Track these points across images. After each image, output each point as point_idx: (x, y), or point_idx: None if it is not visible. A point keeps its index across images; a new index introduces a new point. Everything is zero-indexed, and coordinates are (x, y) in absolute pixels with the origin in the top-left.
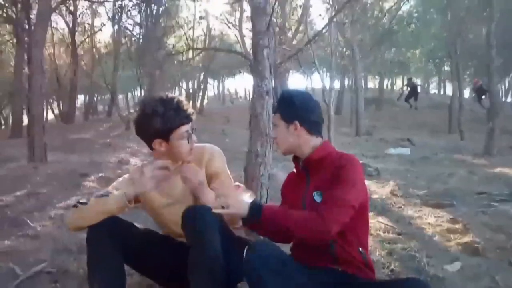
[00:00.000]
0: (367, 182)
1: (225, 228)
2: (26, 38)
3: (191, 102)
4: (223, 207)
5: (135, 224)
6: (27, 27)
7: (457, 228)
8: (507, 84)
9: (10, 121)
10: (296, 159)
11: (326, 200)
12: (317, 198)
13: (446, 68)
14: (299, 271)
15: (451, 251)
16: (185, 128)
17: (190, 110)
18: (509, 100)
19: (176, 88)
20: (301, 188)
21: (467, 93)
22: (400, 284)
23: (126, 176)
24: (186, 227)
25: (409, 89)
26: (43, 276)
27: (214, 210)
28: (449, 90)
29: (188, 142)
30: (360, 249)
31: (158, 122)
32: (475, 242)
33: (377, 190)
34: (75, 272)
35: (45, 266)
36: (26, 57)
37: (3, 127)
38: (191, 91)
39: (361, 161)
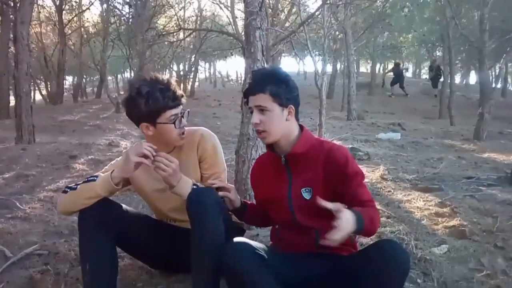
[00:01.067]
0: None
1: (226, 212)
2: (11, 16)
3: (182, 84)
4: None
5: (127, 207)
6: (12, 4)
7: (445, 211)
8: (497, 70)
9: None
10: (271, 148)
11: (358, 194)
12: (306, 195)
13: (439, 53)
14: (280, 260)
15: (439, 234)
16: (173, 111)
17: (179, 93)
18: (499, 86)
19: (167, 70)
20: (282, 183)
21: (458, 78)
22: (374, 246)
23: (118, 158)
24: (190, 210)
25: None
26: (34, 258)
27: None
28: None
29: (175, 127)
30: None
31: (143, 104)
32: (462, 225)
33: (367, 174)
34: (66, 254)
35: (36, 248)
36: (11, 35)
37: None
38: (182, 73)
39: (351, 145)
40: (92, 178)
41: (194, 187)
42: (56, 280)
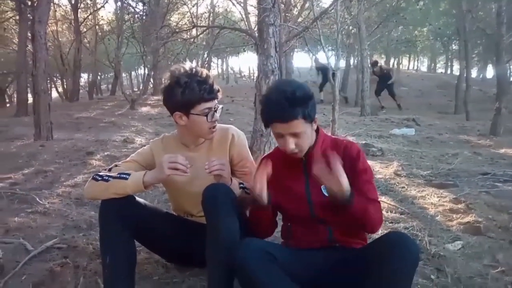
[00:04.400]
0: (371, 162)
1: (240, 208)
2: (29, 15)
3: None
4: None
5: (145, 202)
6: (30, 3)
7: (459, 208)
8: None
9: (15, 99)
10: None
11: (363, 192)
12: (326, 192)
13: (454, 47)
14: (292, 257)
15: (453, 230)
16: (207, 104)
17: (216, 87)
18: None
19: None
20: (298, 179)
21: (474, 72)
22: (383, 238)
23: (145, 148)
24: (205, 206)
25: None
26: (54, 251)
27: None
28: (456, 70)
29: (207, 120)
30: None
31: (179, 94)
32: (477, 221)
33: (380, 170)
34: (85, 248)
35: (56, 242)
36: (29, 34)
37: (7, 105)
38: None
39: (365, 141)
40: (124, 175)
41: (241, 185)
42: (75, 273)
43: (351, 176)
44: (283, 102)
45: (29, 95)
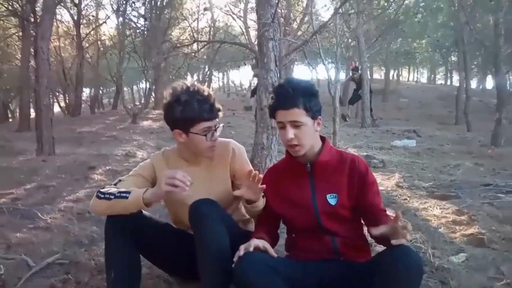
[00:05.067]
0: None
1: (231, 221)
2: (32, 31)
3: None
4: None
5: (150, 215)
6: (32, 19)
7: (462, 219)
8: None
9: (17, 114)
10: (291, 156)
11: (376, 204)
12: (332, 201)
13: (453, 58)
14: (297, 268)
15: (457, 242)
16: (206, 124)
17: (217, 107)
18: None
19: (181, 80)
20: (304, 189)
21: (474, 83)
22: (388, 252)
23: (147, 161)
24: (191, 221)
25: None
26: (55, 267)
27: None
28: (456, 81)
29: (206, 139)
30: (365, 236)
31: (179, 112)
32: (481, 233)
33: (382, 182)
34: (87, 263)
35: (57, 258)
36: (32, 50)
37: (10, 120)
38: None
39: (366, 153)
40: (124, 194)
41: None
42: None
43: (362, 189)
44: (287, 90)
45: (32, 110)
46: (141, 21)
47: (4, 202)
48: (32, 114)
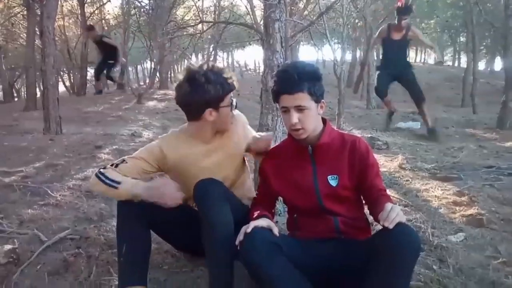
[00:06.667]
0: (376, 156)
1: (235, 199)
2: (37, 10)
3: None
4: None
5: None
6: None
7: (463, 200)
8: None
9: (23, 93)
10: (293, 137)
11: (375, 184)
12: (333, 182)
13: (462, 39)
14: (299, 247)
15: (456, 222)
16: (230, 95)
17: (234, 77)
18: None
19: (185, 60)
20: (305, 171)
21: (482, 65)
22: (386, 229)
23: (154, 144)
24: (196, 201)
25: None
26: (67, 242)
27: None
28: (464, 63)
29: (231, 109)
30: (365, 215)
31: (212, 90)
32: (480, 214)
33: (385, 163)
34: (96, 239)
35: (68, 233)
36: (37, 29)
37: (16, 99)
38: (200, 63)
39: (370, 135)
40: (115, 184)
41: None
42: (88, 263)
43: (362, 170)
44: (292, 75)
45: (38, 90)
46: (146, 0)
47: (14, 180)
48: (38, 93)
